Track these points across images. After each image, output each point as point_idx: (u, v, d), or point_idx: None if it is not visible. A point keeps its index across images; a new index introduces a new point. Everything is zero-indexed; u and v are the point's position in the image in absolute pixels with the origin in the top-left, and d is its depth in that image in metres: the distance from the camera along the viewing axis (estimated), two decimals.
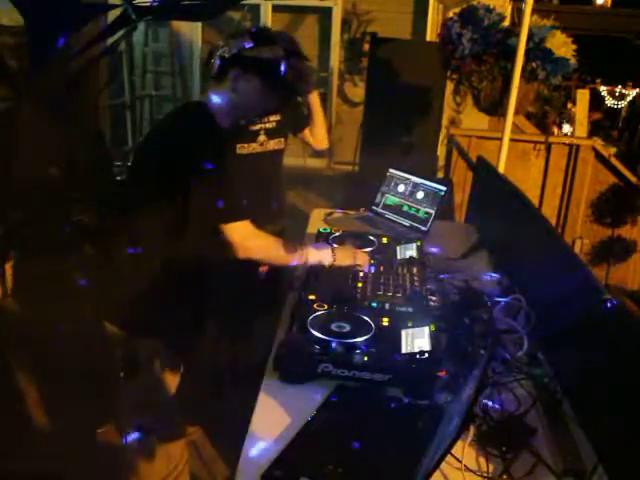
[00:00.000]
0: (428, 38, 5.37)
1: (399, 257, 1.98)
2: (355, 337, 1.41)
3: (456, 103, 5.20)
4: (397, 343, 1.41)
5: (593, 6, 9.51)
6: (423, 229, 2.36)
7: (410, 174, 2.53)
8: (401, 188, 2.52)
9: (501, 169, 2.94)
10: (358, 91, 5.72)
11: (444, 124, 5.00)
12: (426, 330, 1.44)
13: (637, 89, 10.37)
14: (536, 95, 3.53)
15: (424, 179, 2.48)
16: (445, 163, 4.52)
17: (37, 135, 1.74)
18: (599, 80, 10.44)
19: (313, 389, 1.34)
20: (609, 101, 10.52)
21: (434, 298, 1.67)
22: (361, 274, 1.78)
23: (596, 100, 9.46)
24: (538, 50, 3.12)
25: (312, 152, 2.75)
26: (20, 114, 1.74)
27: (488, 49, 3.21)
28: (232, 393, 2.38)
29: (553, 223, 4.50)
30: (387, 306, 1.60)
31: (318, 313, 1.52)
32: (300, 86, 1.62)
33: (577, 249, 4.56)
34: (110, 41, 1.89)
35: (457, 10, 3.39)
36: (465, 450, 1.16)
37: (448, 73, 3.48)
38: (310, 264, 1.75)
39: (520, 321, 1.65)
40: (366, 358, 1.35)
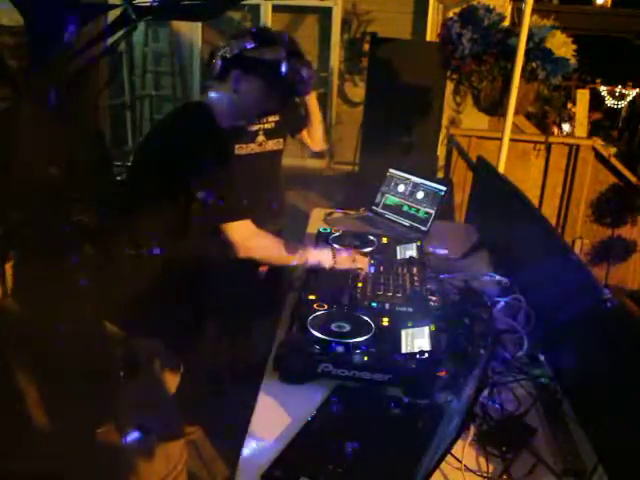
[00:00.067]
0: (428, 38, 5.37)
1: (399, 257, 1.98)
2: (355, 337, 1.41)
3: (456, 103, 5.20)
4: (397, 343, 1.41)
5: (593, 6, 9.50)
6: (423, 229, 2.36)
7: (410, 174, 2.53)
8: (401, 188, 2.52)
9: (501, 169, 2.94)
10: (358, 91, 5.72)
11: (444, 124, 5.00)
12: (426, 330, 1.44)
13: (637, 89, 10.37)
14: (536, 95, 3.53)
15: (424, 179, 2.48)
16: (445, 163, 4.52)
17: (37, 135, 1.74)
18: (599, 80, 10.44)
19: (313, 389, 1.34)
20: (609, 101, 10.51)
21: (434, 298, 1.67)
22: (361, 274, 1.78)
23: (596, 100, 9.47)
24: (538, 50, 3.12)
25: (311, 152, 2.75)
26: (20, 114, 1.74)
27: (488, 49, 3.22)
28: (232, 393, 2.38)
29: (553, 223, 4.50)
30: (387, 306, 1.60)
31: (318, 313, 1.52)
32: (300, 87, 1.63)
33: (577, 249, 4.57)
34: (110, 41, 1.89)
35: (457, 10, 3.40)
36: (465, 450, 1.16)
37: (448, 73, 3.48)
38: (310, 265, 1.75)
39: (520, 321, 1.65)
40: (366, 358, 1.35)
